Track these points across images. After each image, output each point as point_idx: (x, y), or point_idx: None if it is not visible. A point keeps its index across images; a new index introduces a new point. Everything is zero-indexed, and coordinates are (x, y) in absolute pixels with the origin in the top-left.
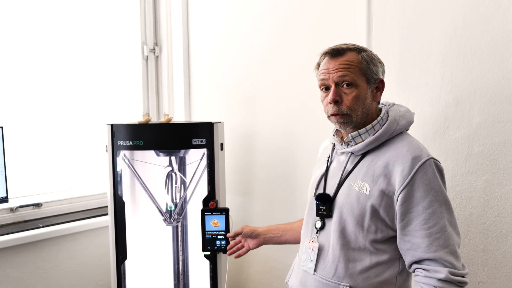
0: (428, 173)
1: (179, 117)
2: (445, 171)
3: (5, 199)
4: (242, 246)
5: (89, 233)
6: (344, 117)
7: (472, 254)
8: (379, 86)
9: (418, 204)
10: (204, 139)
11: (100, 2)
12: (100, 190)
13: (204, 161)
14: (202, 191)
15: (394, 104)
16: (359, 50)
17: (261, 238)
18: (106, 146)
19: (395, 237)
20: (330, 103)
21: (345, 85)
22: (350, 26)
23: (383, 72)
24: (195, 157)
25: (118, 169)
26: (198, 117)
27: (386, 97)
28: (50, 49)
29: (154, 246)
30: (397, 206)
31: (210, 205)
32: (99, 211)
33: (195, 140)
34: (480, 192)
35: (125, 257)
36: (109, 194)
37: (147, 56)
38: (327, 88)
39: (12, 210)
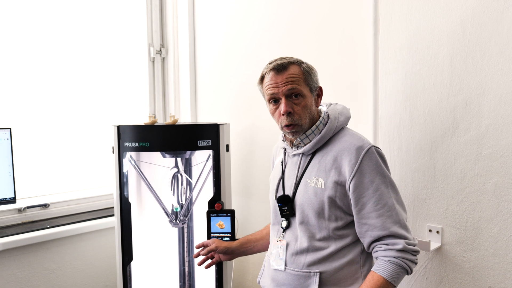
0: (372, 159)
1: (185, 119)
2: (453, 173)
3: (13, 200)
4: (213, 257)
5: (96, 234)
6: (296, 127)
7: (481, 258)
8: (319, 93)
9: (368, 189)
10: (210, 141)
11: (107, 5)
12: (106, 191)
13: (210, 163)
14: (208, 192)
15: (331, 104)
16: (298, 63)
17: (235, 254)
18: (113, 148)
19: (354, 221)
20: (283, 114)
21: (293, 96)
22: (357, 26)
23: (318, 78)
24: (201, 159)
25: (124, 170)
26: (204, 119)
27: (394, 97)
28: (57, 52)
29: (160, 247)
30: (350, 193)
31: (216, 207)
32: (106, 212)
33: (200, 141)
34: (490, 195)
35: (131, 258)
36: (115, 195)
37: (154, 57)
38: (275, 101)
39: (20, 210)
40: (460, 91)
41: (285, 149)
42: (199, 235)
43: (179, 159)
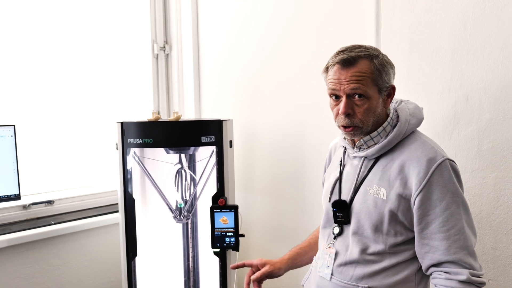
0: (444, 175)
1: (189, 115)
2: None
3: (17, 197)
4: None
5: (100, 230)
6: (355, 129)
7: (482, 251)
8: (390, 92)
9: (435, 207)
10: (213, 137)
11: (110, 1)
12: (110, 187)
13: (214, 159)
14: (212, 188)
15: (402, 101)
16: (371, 57)
17: (286, 271)
18: (116, 144)
19: (414, 238)
20: (342, 115)
21: (356, 97)
22: (358, 22)
23: (394, 75)
24: (205, 155)
25: (128, 166)
26: (207, 115)
27: (395, 92)
28: (61, 48)
29: (164, 243)
30: (414, 209)
31: (219, 202)
32: (110, 208)
33: (204, 137)
34: (490, 189)
35: (135, 254)
36: (119, 191)
37: (157, 54)
38: (337, 97)
39: (24, 207)
40: (461, 86)
41: (345, 148)
42: (203, 231)
43: (183, 155)
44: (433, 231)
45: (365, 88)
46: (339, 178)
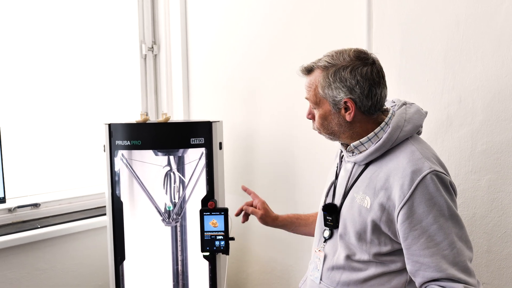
0: (429, 188)
1: (178, 116)
2: (448, 170)
3: (2, 200)
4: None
5: (88, 233)
6: (320, 133)
7: (475, 255)
8: (348, 106)
9: (421, 221)
10: (203, 138)
11: (98, 1)
12: (98, 190)
13: (203, 161)
14: (201, 191)
15: (404, 104)
16: (325, 68)
17: (274, 226)
18: (104, 146)
19: (402, 249)
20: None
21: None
22: (350, 22)
23: (353, 88)
24: (194, 157)
25: (116, 169)
26: (197, 116)
27: (388, 94)
28: (47, 48)
29: (153, 246)
30: (399, 224)
31: (209, 205)
32: (98, 211)
33: (193, 139)
34: (484, 191)
35: (123, 258)
36: (107, 194)
37: (145, 55)
38: None
39: (10, 210)
40: (454, 87)
41: (341, 152)
42: (193, 234)
43: (171, 157)
44: (420, 247)
45: (312, 99)
46: (335, 182)
